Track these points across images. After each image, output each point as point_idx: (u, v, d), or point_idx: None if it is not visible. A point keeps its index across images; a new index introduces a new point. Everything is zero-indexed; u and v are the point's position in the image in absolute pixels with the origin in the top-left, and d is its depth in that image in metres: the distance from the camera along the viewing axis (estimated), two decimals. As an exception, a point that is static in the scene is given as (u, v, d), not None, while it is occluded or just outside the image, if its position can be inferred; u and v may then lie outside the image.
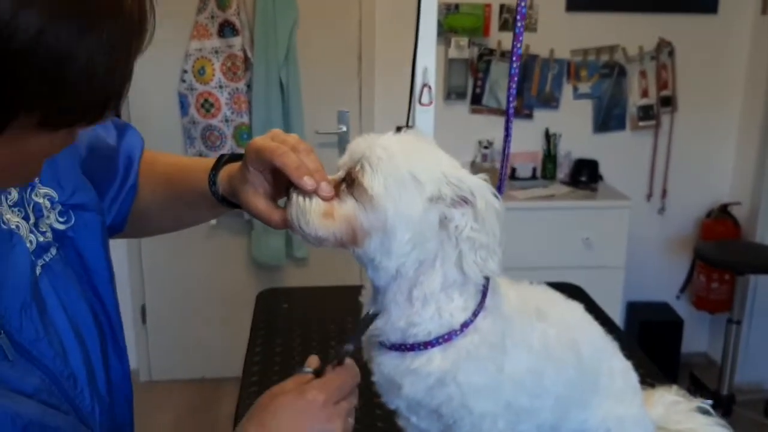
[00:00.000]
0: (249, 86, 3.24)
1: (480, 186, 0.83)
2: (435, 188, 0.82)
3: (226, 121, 3.26)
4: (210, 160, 0.97)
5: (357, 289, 1.00)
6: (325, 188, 0.83)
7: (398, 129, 0.88)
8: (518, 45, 0.90)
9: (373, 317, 0.87)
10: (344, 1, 3.31)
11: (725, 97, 3.51)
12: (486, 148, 3.42)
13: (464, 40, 3.31)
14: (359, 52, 3.34)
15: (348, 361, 0.81)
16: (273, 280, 3.43)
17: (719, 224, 3.49)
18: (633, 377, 1.12)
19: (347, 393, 0.79)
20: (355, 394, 0.81)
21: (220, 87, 3.22)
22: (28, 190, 0.75)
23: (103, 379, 0.77)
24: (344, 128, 3.34)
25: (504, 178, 0.96)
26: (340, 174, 0.86)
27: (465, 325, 0.87)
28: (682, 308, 3.71)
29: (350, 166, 0.85)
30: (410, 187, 0.82)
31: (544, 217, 3.16)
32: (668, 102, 3.47)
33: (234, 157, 0.96)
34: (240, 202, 0.91)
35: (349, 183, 0.84)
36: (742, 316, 3.28)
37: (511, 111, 0.92)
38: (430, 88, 1.64)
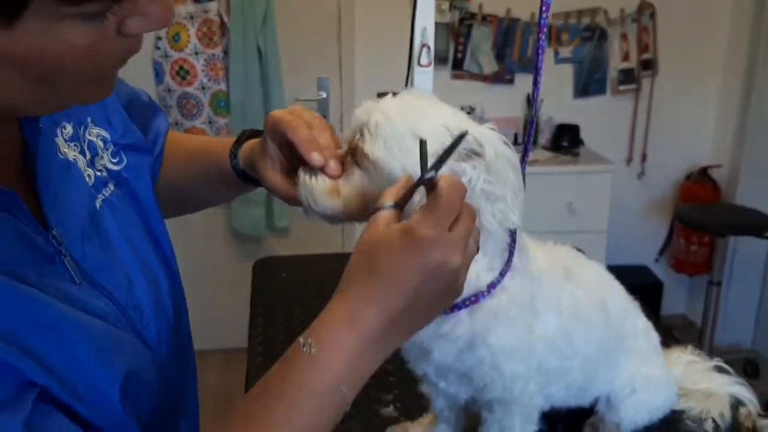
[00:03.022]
0: (226, 53, 3.14)
1: (488, 136, 0.79)
2: (439, 142, 0.78)
3: (203, 88, 3.17)
4: (232, 138, 0.98)
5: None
6: (333, 166, 0.82)
7: (379, 95, 0.84)
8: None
9: (462, 136, 0.71)
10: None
11: (706, 60, 3.51)
12: (468, 113, 3.38)
13: (446, 4, 3.25)
14: (339, 17, 3.26)
15: (443, 180, 0.66)
16: (253, 251, 3.37)
17: (699, 187, 3.52)
18: (654, 337, 1.11)
19: (457, 214, 0.66)
20: (467, 212, 0.67)
21: (196, 54, 3.12)
22: (82, 128, 0.74)
23: (171, 314, 0.75)
24: (324, 95, 3.27)
25: (531, 134, 0.92)
26: (345, 148, 0.84)
27: (492, 286, 0.83)
28: (661, 271, 3.75)
29: (350, 137, 0.83)
30: (413, 144, 0.77)
31: (527, 182, 3.12)
32: (649, 65, 3.46)
33: (257, 133, 0.97)
34: (258, 177, 0.91)
35: (353, 153, 0.82)
36: (721, 277, 3.33)
37: (540, 64, 0.89)
38: (429, 48, 1.59)
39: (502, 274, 0.85)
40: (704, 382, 1.17)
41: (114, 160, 0.79)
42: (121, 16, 0.52)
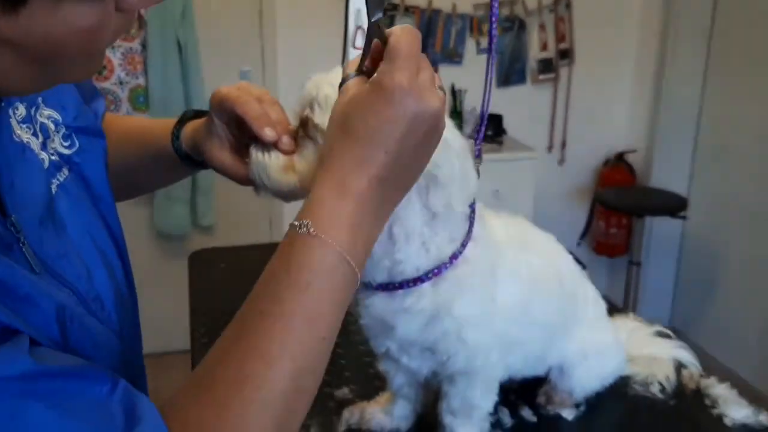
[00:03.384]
0: (144, 46, 3.04)
1: None
2: None
3: (120, 83, 3.05)
4: (172, 120, 0.94)
5: None
6: (286, 141, 0.80)
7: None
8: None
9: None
10: (241, -45, 3.16)
11: (619, 49, 3.64)
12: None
13: (368, -4, 3.24)
14: (260, 7, 3.20)
15: (395, 30, 0.63)
16: (179, 251, 3.28)
17: (616, 172, 3.65)
18: (602, 305, 1.14)
19: (419, 59, 0.62)
20: (424, 58, 0.63)
21: (112, 47, 3.00)
22: (33, 109, 0.70)
23: (129, 306, 0.72)
24: (248, 88, 3.21)
25: (483, 125, 0.91)
26: (296, 123, 0.82)
27: (454, 257, 0.83)
28: (583, 254, 3.87)
29: (300, 112, 0.81)
30: None
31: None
32: (566, 55, 3.57)
33: (199, 114, 0.94)
34: (204, 158, 0.88)
35: (305, 127, 0.80)
36: (640, 257, 3.47)
37: (494, 54, 0.89)
38: (364, 30, 1.57)
39: (464, 244, 0.85)
40: (648, 348, 1.22)
41: (65, 144, 0.75)
42: None
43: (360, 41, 1.60)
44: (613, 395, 1.14)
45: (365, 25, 1.70)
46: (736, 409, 1.08)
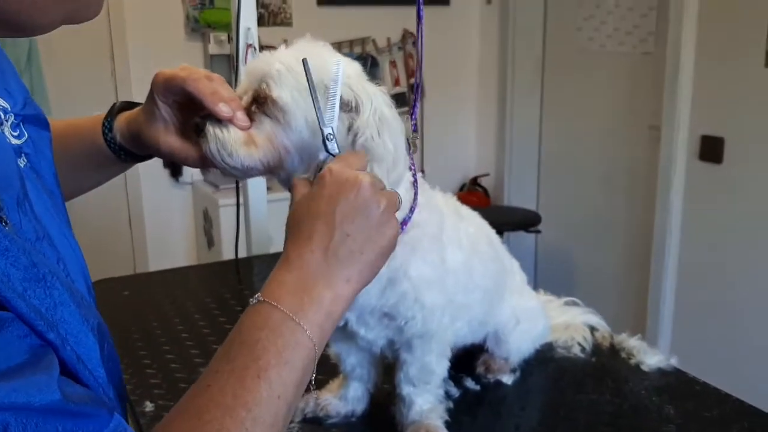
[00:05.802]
0: (-15, 91, 2.83)
1: (371, 94, 0.83)
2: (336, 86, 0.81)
3: (-41, 133, 2.81)
4: (99, 115, 0.91)
5: (208, 267, 0.96)
6: (242, 117, 0.81)
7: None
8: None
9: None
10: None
11: (463, 81, 3.90)
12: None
13: (223, 35, 3.25)
14: (111, 51, 3.11)
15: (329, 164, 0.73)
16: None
17: (472, 195, 3.87)
18: (524, 275, 1.21)
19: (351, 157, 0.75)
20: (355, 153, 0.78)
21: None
22: None
23: (93, 302, 0.67)
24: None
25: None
26: (246, 99, 0.83)
27: (404, 222, 0.87)
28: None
29: (254, 88, 0.82)
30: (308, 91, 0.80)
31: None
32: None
33: (127, 106, 0.92)
34: (148, 145, 0.86)
35: (260, 102, 0.81)
36: (503, 273, 3.66)
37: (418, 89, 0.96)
38: (255, 49, 1.60)
39: (411, 210, 0.89)
40: (562, 317, 1.31)
41: (15, 133, 0.69)
42: None
43: (251, 58, 1.62)
44: (541, 360, 1.21)
45: (255, 43, 1.71)
46: (649, 357, 1.19)
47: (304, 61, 0.74)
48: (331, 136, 0.75)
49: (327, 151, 0.76)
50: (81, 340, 0.53)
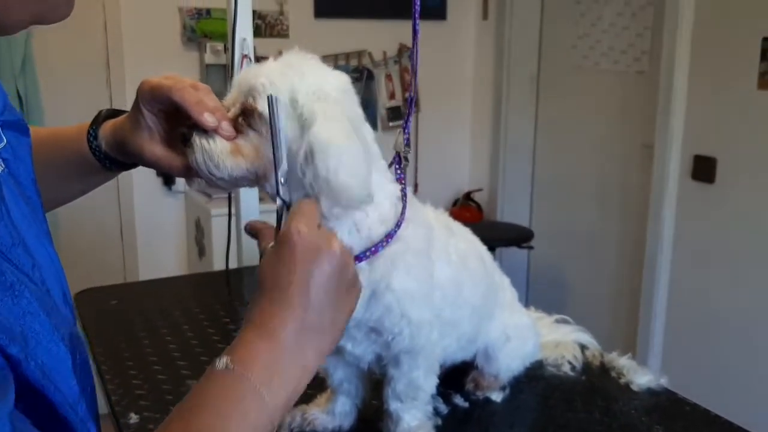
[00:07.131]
0: (-22, 97, 2.82)
1: (316, 113, 0.79)
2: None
3: (-49, 138, 2.80)
4: (85, 123, 0.90)
5: (198, 277, 0.95)
6: (227, 127, 0.81)
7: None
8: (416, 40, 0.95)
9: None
10: (85, 5, 3.06)
11: (458, 96, 3.91)
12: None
13: (220, 45, 3.25)
14: (107, 60, 3.11)
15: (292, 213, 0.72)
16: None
17: (465, 210, 3.86)
18: (514, 291, 1.21)
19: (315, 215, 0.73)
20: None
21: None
22: None
23: (72, 314, 0.65)
24: (97, 140, 3.07)
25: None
26: (234, 111, 0.83)
27: (389, 236, 0.87)
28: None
29: (242, 101, 0.83)
30: (289, 109, 0.80)
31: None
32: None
33: (112, 113, 0.91)
34: (133, 153, 0.86)
35: (247, 115, 0.81)
36: (494, 289, 3.66)
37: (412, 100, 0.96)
38: (250, 60, 1.60)
39: (398, 224, 0.88)
40: (552, 334, 1.30)
41: None
42: None
43: (246, 66, 1.62)
44: (531, 378, 1.21)
45: (251, 54, 1.71)
46: (639, 376, 1.19)
47: (270, 98, 0.73)
48: (283, 180, 0.75)
49: (278, 195, 0.76)
50: (50, 350, 0.52)
